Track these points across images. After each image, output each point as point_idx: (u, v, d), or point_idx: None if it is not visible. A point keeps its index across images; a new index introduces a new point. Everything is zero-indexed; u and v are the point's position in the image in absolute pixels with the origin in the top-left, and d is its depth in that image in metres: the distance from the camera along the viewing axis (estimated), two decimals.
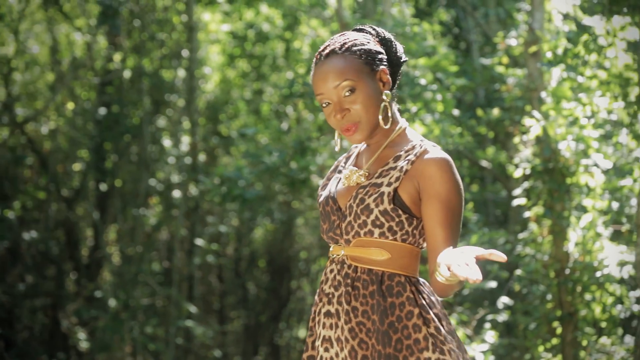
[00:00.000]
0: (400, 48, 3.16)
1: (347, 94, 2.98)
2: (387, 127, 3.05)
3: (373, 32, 3.13)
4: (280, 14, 12.48)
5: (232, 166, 11.99)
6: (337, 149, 3.12)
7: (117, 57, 12.12)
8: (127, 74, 12.04)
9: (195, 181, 12.29)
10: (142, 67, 11.96)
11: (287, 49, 12.89)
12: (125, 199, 12.25)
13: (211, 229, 13.47)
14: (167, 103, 12.59)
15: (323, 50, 3.06)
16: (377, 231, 2.98)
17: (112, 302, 11.20)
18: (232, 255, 14.91)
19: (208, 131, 14.08)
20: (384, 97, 3.04)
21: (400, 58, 3.15)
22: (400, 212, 2.97)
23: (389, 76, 3.07)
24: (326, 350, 3.02)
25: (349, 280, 3.01)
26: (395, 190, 2.98)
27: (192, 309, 11.98)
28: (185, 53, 12.45)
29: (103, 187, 12.28)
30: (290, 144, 10.11)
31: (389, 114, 3.06)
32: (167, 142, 12.73)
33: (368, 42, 3.07)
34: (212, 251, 13.12)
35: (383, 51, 3.09)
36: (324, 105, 3.04)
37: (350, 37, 3.07)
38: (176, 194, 12.46)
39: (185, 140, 12.82)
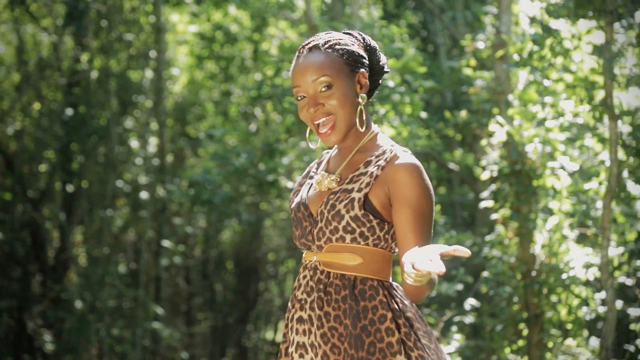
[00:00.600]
0: (383, 59, 3.18)
1: (323, 89, 3.00)
2: (363, 130, 3.07)
3: (359, 37, 3.16)
4: (248, 16, 12.46)
5: (200, 168, 11.96)
6: (311, 145, 3.16)
7: (84, 57, 12.05)
8: (94, 74, 11.97)
9: (162, 182, 12.24)
10: (109, 68, 11.90)
11: (256, 51, 12.87)
12: (92, 200, 12.18)
13: (178, 230, 13.42)
14: (134, 104, 12.54)
15: (306, 45, 3.09)
16: (348, 237, 2.99)
17: (78, 304, 11.13)
18: (200, 257, 14.86)
19: (176, 132, 14.03)
20: (360, 99, 3.06)
21: (383, 68, 3.17)
22: (371, 217, 2.98)
23: (367, 80, 3.09)
24: (301, 356, 3.03)
25: (321, 286, 3.01)
26: (366, 195, 2.98)
27: (159, 310, 11.93)
28: (152, 54, 12.39)
29: (69, 188, 12.20)
30: (259, 145, 10.10)
31: (364, 118, 3.08)
32: (134, 143, 12.67)
33: (352, 44, 3.09)
34: (179, 253, 13.07)
35: (366, 56, 3.12)
36: (298, 98, 3.05)
37: (335, 36, 3.10)
38: (143, 195, 12.40)
39: (153, 142, 12.76)
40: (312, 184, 3.17)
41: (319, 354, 2.97)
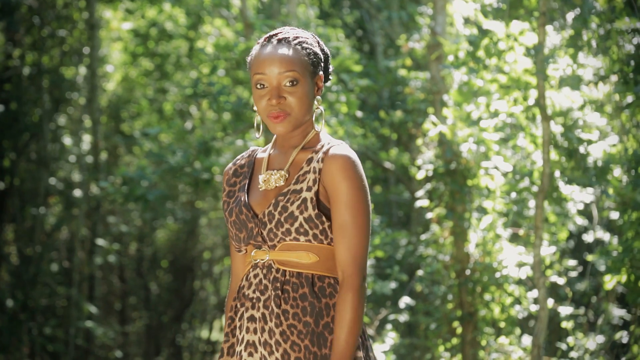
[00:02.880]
0: (331, 67, 3.21)
1: (288, 84, 3.00)
2: (319, 130, 3.10)
3: (316, 40, 3.17)
4: (183, 13, 12.38)
5: (134, 166, 11.87)
6: (257, 135, 3.11)
7: (15, 53, 11.86)
8: (26, 71, 11.80)
9: (96, 180, 12.12)
10: (41, 64, 11.74)
11: (191, 48, 12.80)
12: (24, 198, 12.01)
13: (113, 228, 13.30)
14: (67, 101, 12.39)
15: (274, 36, 3.07)
16: (302, 238, 2.99)
17: (9, 303, 10.98)
18: (134, 255, 14.75)
19: (110, 130, 13.90)
20: (316, 102, 3.08)
21: (329, 75, 3.20)
22: (323, 218, 2.98)
23: (322, 84, 3.12)
24: (250, 354, 3.01)
25: (278, 284, 3.00)
26: (317, 193, 2.99)
27: (93, 309, 11.82)
28: (86, 50, 12.26)
29: (0, 185, 12.01)
30: (194, 143, 10.05)
31: (321, 120, 3.11)
32: (67, 141, 12.52)
33: (316, 45, 3.11)
34: (113, 251, 12.96)
35: (323, 60, 3.14)
36: (258, 87, 3.03)
37: (302, 34, 3.10)
38: (77, 193, 12.27)
39: (87, 139, 12.63)
40: (247, 185, 3.15)
41: (279, 352, 2.96)
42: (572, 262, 7.40)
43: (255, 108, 3.09)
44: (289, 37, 3.05)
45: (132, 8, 13.13)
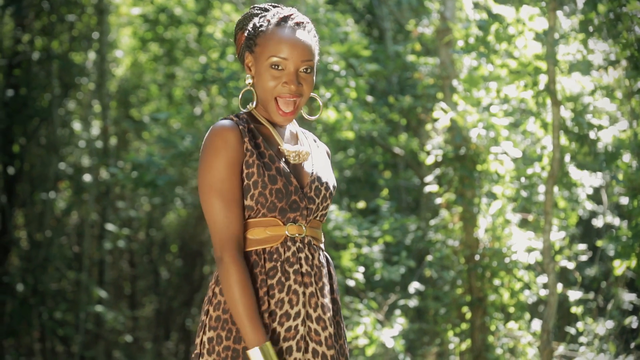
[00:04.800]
0: None
1: (304, 71, 3.02)
2: (316, 116, 3.17)
3: None
4: None
5: (143, 151, 11.90)
6: (252, 107, 3.08)
7: (25, 38, 11.88)
8: (35, 56, 11.82)
9: (106, 165, 12.15)
10: (51, 49, 11.74)
11: (200, 34, 12.77)
12: (34, 183, 12.04)
13: (122, 213, 13.33)
14: (77, 86, 12.40)
15: (289, 18, 3.05)
16: (326, 215, 3.13)
17: (20, 287, 11.02)
18: (144, 240, 14.78)
19: (119, 115, 13.91)
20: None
21: None
22: None
23: None
24: (324, 329, 2.96)
25: (323, 261, 3.03)
26: None
27: (103, 294, 11.86)
28: (95, 36, 12.25)
29: (10, 170, 12.04)
30: (203, 129, 10.05)
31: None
32: (77, 126, 12.54)
33: None
34: (123, 236, 12.99)
35: None
36: (273, 67, 3.00)
37: (309, 19, 3.10)
38: (87, 178, 12.29)
39: (96, 124, 12.65)
40: (276, 156, 3.01)
41: (333, 327, 2.99)
42: (581, 247, 7.40)
43: (248, 81, 3.06)
44: (304, 22, 3.05)
45: None
